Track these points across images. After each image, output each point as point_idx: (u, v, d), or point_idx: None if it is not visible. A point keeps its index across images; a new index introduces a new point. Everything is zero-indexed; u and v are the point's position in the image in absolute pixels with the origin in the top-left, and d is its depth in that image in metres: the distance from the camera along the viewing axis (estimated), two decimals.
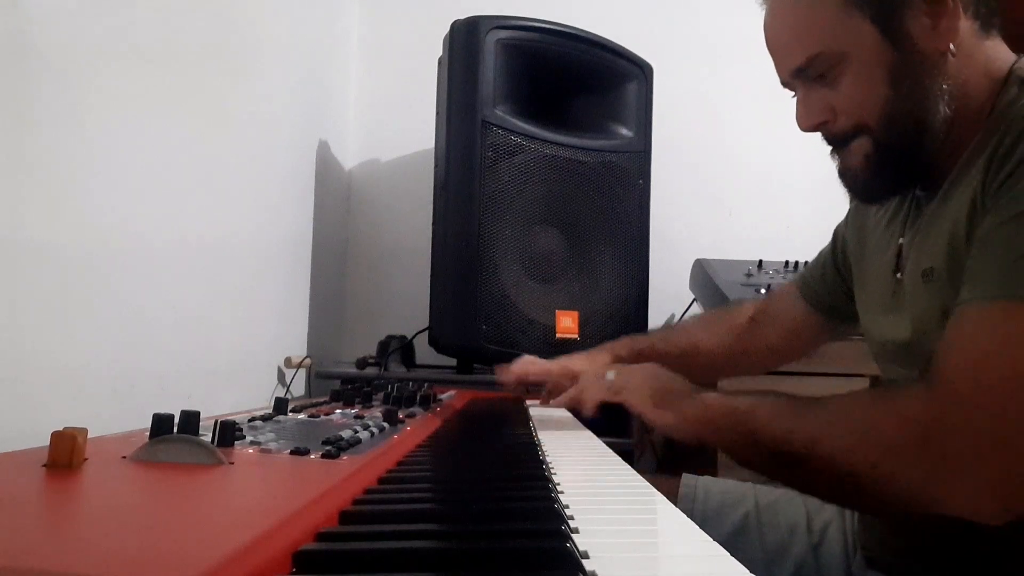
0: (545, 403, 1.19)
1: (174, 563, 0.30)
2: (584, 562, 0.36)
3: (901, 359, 0.87)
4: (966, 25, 0.78)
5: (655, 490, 0.58)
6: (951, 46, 0.77)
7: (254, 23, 1.46)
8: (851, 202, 1.01)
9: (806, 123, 0.85)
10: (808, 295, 1.13)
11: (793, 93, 0.87)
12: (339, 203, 2.14)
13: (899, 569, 0.86)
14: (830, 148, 0.86)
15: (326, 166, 1.95)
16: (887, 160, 0.81)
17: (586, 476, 0.67)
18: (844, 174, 0.86)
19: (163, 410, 0.53)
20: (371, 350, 1.79)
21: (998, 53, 0.80)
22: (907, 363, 0.85)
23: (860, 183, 0.85)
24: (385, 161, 2.23)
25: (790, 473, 0.80)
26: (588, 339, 1.67)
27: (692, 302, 1.99)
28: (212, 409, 0.72)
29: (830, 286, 1.09)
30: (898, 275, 0.87)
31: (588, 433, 0.95)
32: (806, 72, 0.82)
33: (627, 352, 1.22)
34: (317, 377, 1.72)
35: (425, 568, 0.34)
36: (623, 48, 1.81)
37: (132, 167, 1.03)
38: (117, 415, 0.90)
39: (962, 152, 0.78)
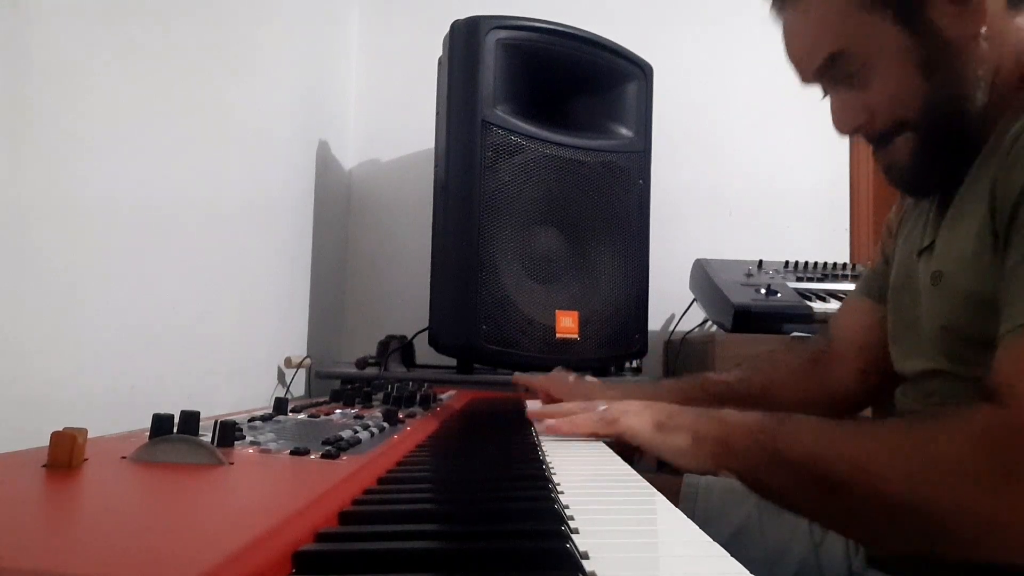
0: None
1: (174, 563, 0.30)
2: (584, 562, 0.36)
3: (913, 345, 0.85)
4: (994, 3, 0.75)
5: (655, 490, 0.58)
6: (982, 28, 0.74)
7: (254, 23, 1.46)
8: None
9: (844, 127, 0.82)
10: (869, 290, 1.05)
11: (824, 94, 0.85)
12: (339, 203, 2.14)
13: (901, 568, 0.86)
14: (873, 148, 0.84)
15: (326, 166, 1.95)
16: (934, 151, 0.79)
17: (586, 476, 0.67)
18: (891, 171, 0.84)
19: (163, 410, 0.53)
20: (371, 350, 1.79)
21: (1015, 43, 0.77)
22: (920, 352, 0.83)
23: (909, 178, 0.82)
24: (385, 161, 2.23)
25: (826, 501, 0.70)
26: (588, 339, 1.67)
27: (692, 302, 1.99)
28: (212, 409, 0.72)
29: (883, 276, 1.02)
30: (916, 257, 0.86)
31: None
32: (830, 73, 0.80)
33: (697, 393, 1.08)
34: (317, 377, 1.72)
35: (425, 568, 0.34)
36: (623, 48, 1.81)
37: (132, 167, 1.03)
38: (117, 415, 0.90)
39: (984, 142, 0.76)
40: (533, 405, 1.17)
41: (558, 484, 0.55)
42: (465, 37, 1.63)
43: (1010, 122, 0.73)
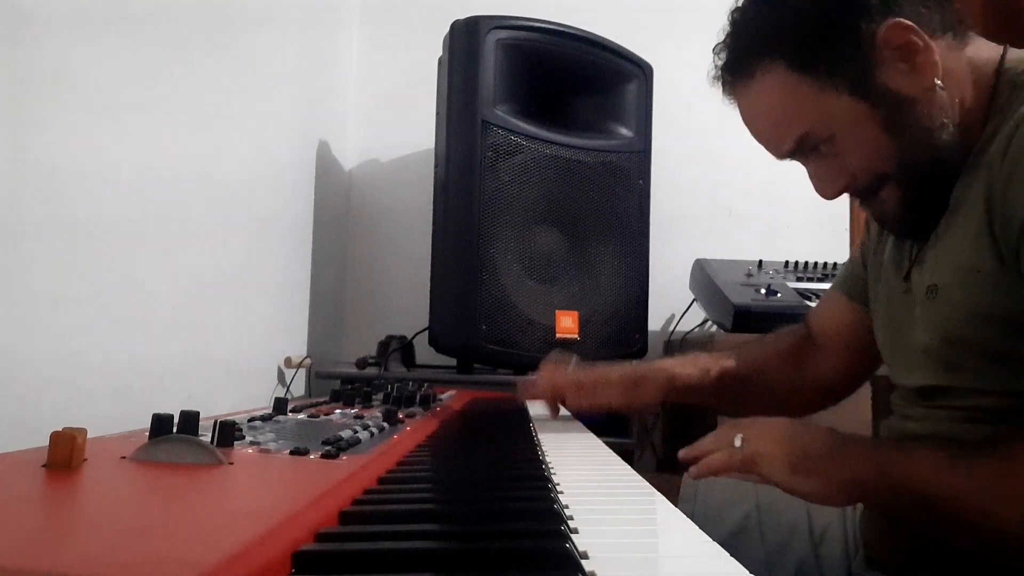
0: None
1: (174, 563, 0.30)
2: (584, 562, 0.36)
3: (910, 360, 0.85)
4: (941, 44, 0.76)
5: (655, 490, 0.58)
6: (936, 80, 0.76)
7: (254, 24, 1.46)
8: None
9: (829, 193, 0.84)
10: (845, 288, 1.07)
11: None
12: (339, 203, 2.14)
13: (901, 568, 0.86)
14: (860, 201, 0.86)
15: (326, 166, 1.95)
16: (920, 196, 0.80)
17: (586, 476, 0.67)
18: (883, 220, 0.86)
19: (163, 410, 0.53)
20: (371, 350, 1.79)
21: (980, 53, 0.78)
22: (918, 368, 0.83)
23: (902, 224, 0.84)
24: (385, 161, 2.23)
25: (949, 528, 0.74)
26: (588, 339, 1.67)
27: (692, 302, 1.99)
28: (212, 409, 0.72)
29: (861, 277, 1.04)
30: (908, 277, 0.85)
31: (588, 433, 0.95)
32: (801, 150, 0.82)
33: (692, 369, 1.10)
34: (317, 377, 1.72)
35: (425, 568, 0.34)
36: (623, 48, 1.81)
37: (132, 167, 1.03)
38: (117, 415, 0.90)
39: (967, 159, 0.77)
40: (533, 407, 1.17)
41: (558, 484, 0.55)
42: (465, 37, 1.63)
43: (996, 127, 0.74)
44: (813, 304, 1.71)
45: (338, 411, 0.87)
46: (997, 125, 0.74)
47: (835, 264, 1.95)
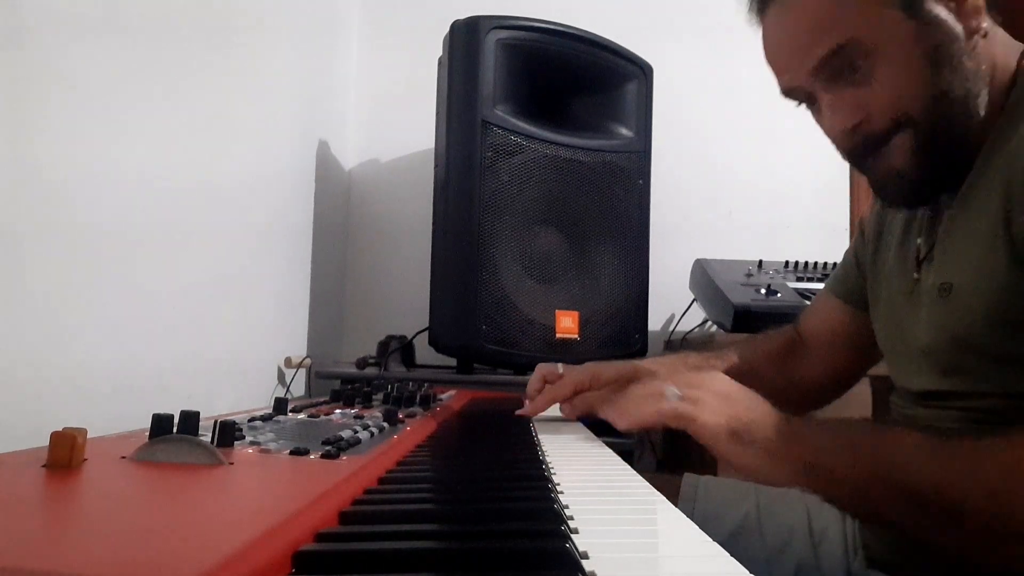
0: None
1: (174, 563, 0.30)
2: (584, 562, 0.36)
3: (912, 362, 0.84)
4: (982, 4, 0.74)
5: (655, 490, 0.58)
6: (984, 23, 0.73)
7: (255, 24, 1.46)
8: (875, 201, 0.95)
9: (839, 126, 0.78)
10: (838, 290, 1.06)
11: (797, 102, 0.82)
12: (339, 203, 2.14)
13: (901, 568, 0.86)
14: (861, 157, 0.80)
15: (326, 166, 1.95)
16: (934, 152, 0.75)
17: (586, 476, 0.67)
18: (885, 182, 0.80)
19: (163, 410, 0.53)
20: (371, 350, 1.79)
21: (999, 50, 0.77)
22: (921, 370, 0.82)
23: (908, 185, 0.78)
24: (385, 161, 2.23)
25: (918, 518, 0.67)
26: (588, 339, 1.67)
27: (692, 302, 1.99)
28: (212, 409, 0.72)
29: (856, 279, 1.02)
30: (916, 275, 0.84)
31: (588, 433, 0.95)
32: (829, 68, 0.76)
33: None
34: (317, 377, 1.72)
35: (425, 568, 0.34)
36: (623, 48, 1.81)
37: (132, 167, 1.03)
38: (117, 415, 0.90)
39: (980, 147, 0.75)
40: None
41: (558, 484, 0.55)
42: (465, 37, 1.63)
43: (1013, 121, 0.72)
44: None
45: (338, 411, 0.87)
46: (1015, 124, 0.72)
47: (835, 264, 1.94)
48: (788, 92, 0.82)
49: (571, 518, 0.44)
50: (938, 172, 0.77)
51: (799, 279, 1.87)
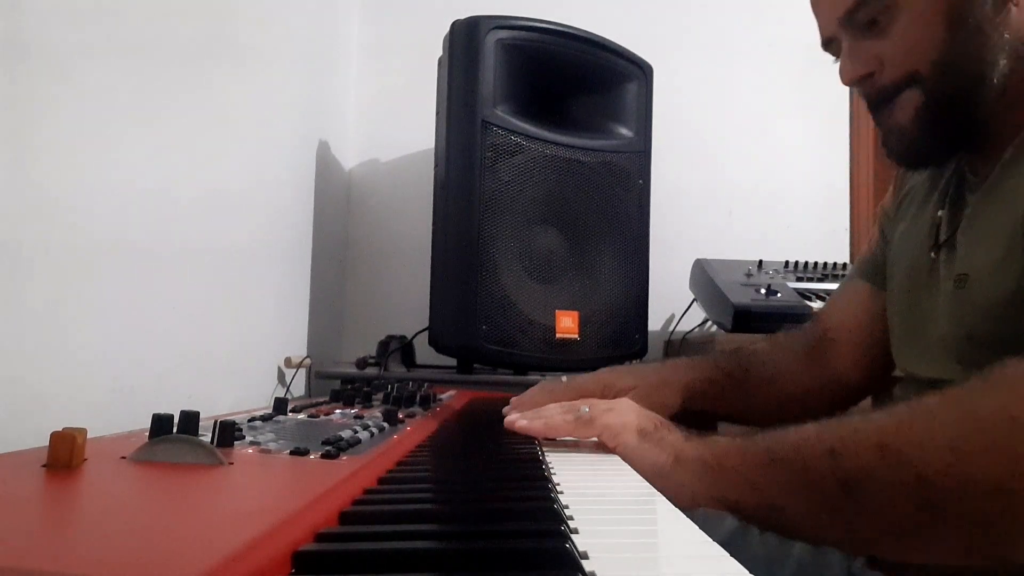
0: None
1: (174, 563, 0.30)
2: (584, 562, 0.36)
3: (927, 348, 0.82)
4: None
5: (655, 490, 0.58)
6: None
7: (254, 23, 1.46)
8: (896, 172, 0.94)
9: (851, 74, 0.80)
10: (866, 271, 1.02)
11: (834, 58, 0.83)
12: (339, 203, 2.14)
13: (901, 568, 0.86)
14: (874, 109, 0.81)
15: (326, 166, 1.95)
16: (939, 113, 0.75)
17: (586, 476, 0.67)
18: (889, 136, 0.80)
19: (163, 410, 0.53)
20: (371, 350, 1.79)
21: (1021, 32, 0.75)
22: (935, 358, 0.81)
23: (907, 142, 0.79)
24: (385, 161, 2.23)
25: (843, 506, 0.58)
26: (588, 339, 1.67)
27: (692, 302, 1.99)
28: (212, 409, 0.72)
29: (883, 254, 0.99)
30: (932, 254, 0.82)
31: None
32: (855, 18, 0.77)
33: (711, 372, 1.01)
34: (317, 377, 1.72)
35: (425, 568, 0.34)
36: (623, 48, 1.81)
37: (131, 167, 1.03)
38: (117, 415, 0.90)
39: (1011, 130, 0.73)
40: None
41: (558, 484, 0.55)
42: (465, 37, 1.63)
43: None
44: (813, 304, 1.71)
45: (338, 411, 0.87)
46: None
47: (835, 264, 1.95)
48: (826, 43, 0.83)
49: (571, 518, 0.44)
50: (941, 134, 0.77)
51: (799, 279, 1.87)
